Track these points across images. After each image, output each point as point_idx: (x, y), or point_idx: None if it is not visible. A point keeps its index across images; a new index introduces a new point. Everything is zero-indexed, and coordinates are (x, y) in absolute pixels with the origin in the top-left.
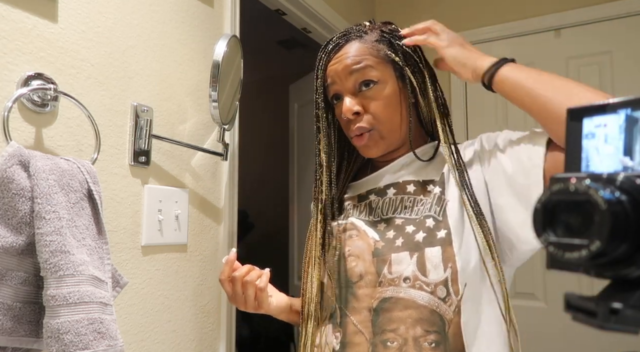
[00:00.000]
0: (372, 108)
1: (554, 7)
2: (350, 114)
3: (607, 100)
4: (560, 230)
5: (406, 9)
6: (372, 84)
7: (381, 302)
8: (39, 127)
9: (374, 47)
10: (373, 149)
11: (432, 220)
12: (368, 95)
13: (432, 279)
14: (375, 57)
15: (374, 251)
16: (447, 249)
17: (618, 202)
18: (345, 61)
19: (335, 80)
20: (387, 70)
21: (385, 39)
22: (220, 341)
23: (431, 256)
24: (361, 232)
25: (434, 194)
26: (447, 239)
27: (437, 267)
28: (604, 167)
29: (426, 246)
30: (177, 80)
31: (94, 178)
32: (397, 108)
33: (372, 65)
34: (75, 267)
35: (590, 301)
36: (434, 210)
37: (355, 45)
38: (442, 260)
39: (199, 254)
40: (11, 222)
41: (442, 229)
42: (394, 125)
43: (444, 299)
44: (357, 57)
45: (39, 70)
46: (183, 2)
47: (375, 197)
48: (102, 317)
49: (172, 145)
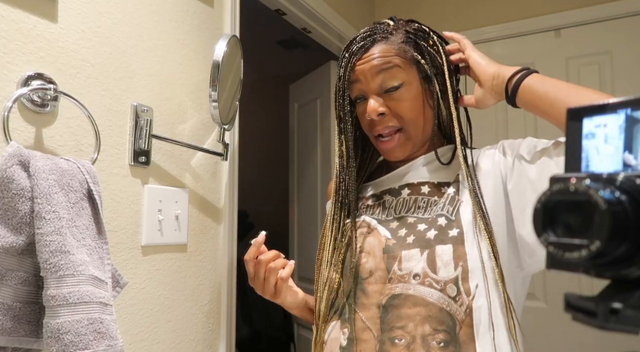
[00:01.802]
0: (398, 109)
1: (554, 7)
2: (375, 114)
3: (607, 100)
4: (560, 230)
5: (406, 8)
6: (399, 85)
7: (390, 298)
8: (39, 127)
9: (401, 49)
10: (398, 152)
11: (444, 219)
12: (394, 96)
13: (442, 276)
14: (402, 58)
15: (385, 248)
16: (459, 248)
17: (618, 202)
18: (373, 62)
19: (361, 80)
20: (412, 72)
21: (412, 40)
22: (220, 341)
23: (442, 253)
24: (373, 229)
25: (448, 194)
26: (459, 238)
27: (447, 264)
28: (604, 167)
29: (437, 244)
30: (177, 80)
31: (94, 178)
32: (421, 110)
33: (400, 66)
34: (75, 267)
35: (590, 301)
36: (447, 209)
37: (382, 46)
38: (453, 258)
39: (199, 254)
40: (11, 222)
41: (454, 228)
42: (419, 127)
43: (454, 298)
44: (385, 58)
45: (39, 70)
46: (183, 2)
47: (389, 197)
48: (102, 317)
49: (172, 145)
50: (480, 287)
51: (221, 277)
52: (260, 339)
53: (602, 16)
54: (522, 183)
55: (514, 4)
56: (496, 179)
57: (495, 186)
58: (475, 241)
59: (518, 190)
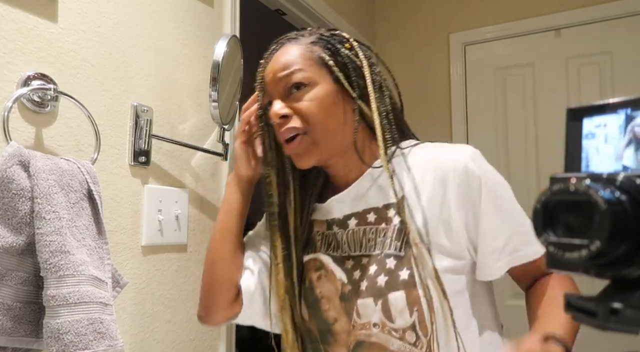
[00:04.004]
0: (301, 110)
1: (554, 7)
2: (278, 117)
3: (607, 100)
4: (560, 230)
5: (406, 8)
6: (302, 86)
7: (356, 345)
8: (39, 127)
9: (308, 49)
10: (305, 158)
11: (392, 259)
12: (297, 96)
13: (399, 325)
14: (307, 59)
15: (341, 296)
16: (411, 293)
17: (618, 202)
18: (274, 66)
19: (266, 88)
20: (320, 73)
21: (323, 41)
22: (220, 341)
23: (395, 301)
24: (329, 271)
25: (394, 224)
26: (410, 281)
27: (402, 312)
28: (604, 167)
29: (389, 291)
30: (177, 80)
31: (94, 178)
32: (332, 112)
33: (302, 68)
34: (75, 267)
35: (590, 301)
36: (394, 246)
37: (288, 48)
38: (407, 304)
39: (199, 254)
40: (11, 222)
41: (404, 269)
42: (329, 130)
43: (414, 344)
44: (287, 61)
45: (39, 70)
46: (183, 2)
47: (338, 230)
48: (102, 317)
49: (172, 145)
50: (439, 322)
51: None
52: (260, 339)
53: (602, 16)
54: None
55: (514, 4)
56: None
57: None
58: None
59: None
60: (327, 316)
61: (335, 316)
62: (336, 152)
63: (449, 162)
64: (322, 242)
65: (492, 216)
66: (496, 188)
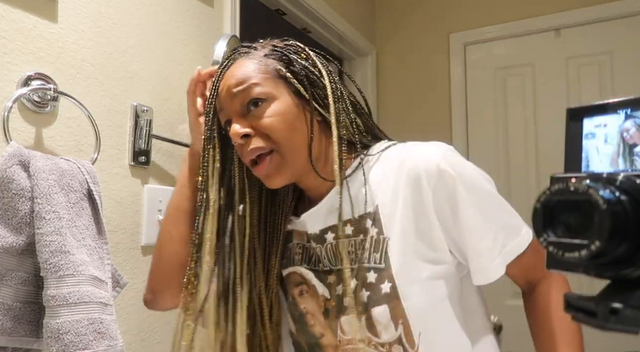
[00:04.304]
0: (263, 127)
1: (554, 7)
2: (238, 137)
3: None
4: (560, 230)
5: (406, 8)
6: (260, 102)
7: None
8: (39, 127)
9: (262, 62)
10: (277, 178)
11: (372, 272)
12: (257, 114)
13: (384, 339)
14: (263, 73)
15: (324, 312)
16: (395, 306)
17: (618, 202)
18: (228, 82)
19: (222, 106)
20: (278, 86)
21: (277, 53)
22: None
23: (379, 316)
24: (310, 287)
25: (371, 236)
26: (393, 293)
27: (387, 327)
28: (604, 167)
29: (372, 306)
30: (177, 80)
31: (94, 178)
32: (295, 126)
33: (258, 83)
34: (75, 267)
35: (590, 301)
36: (374, 258)
37: (241, 63)
38: (391, 318)
39: None
40: (11, 222)
41: (385, 281)
42: (296, 146)
43: None
44: (241, 77)
45: (39, 70)
46: (183, 2)
47: (316, 245)
48: (102, 317)
49: (172, 145)
50: (425, 334)
51: None
52: None
53: (602, 16)
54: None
55: (514, 4)
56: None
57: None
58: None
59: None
60: (314, 331)
61: (321, 331)
62: (306, 167)
63: (421, 164)
64: (302, 256)
65: (474, 217)
66: (474, 186)
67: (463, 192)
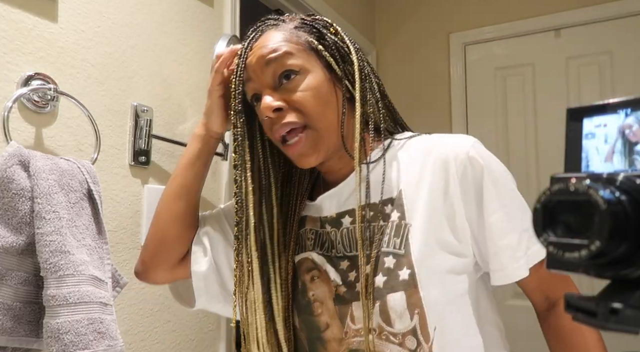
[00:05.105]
0: (296, 101)
1: (554, 7)
2: (270, 111)
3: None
4: (560, 230)
5: (406, 8)
6: (293, 74)
7: None
8: (39, 127)
9: (293, 34)
10: (311, 157)
11: (391, 258)
12: (290, 87)
13: (398, 329)
14: (295, 44)
15: (335, 298)
16: (412, 294)
17: (618, 202)
18: (260, 52)
19: (252, 77)
20: (310, 59)
21: (307, 26)
22: (220, 341)
23: (394, 303)
24: (322, 272)
25: (392, 221)
26: (411, 281)
27: (402, 315)
28: (604, 167)
29: (388, 293)
30: (177, 80)
31: (93, 178)
32: (329, 102)
33: (292, 52)
34: (75, 267)
35: (590, 301)
36: (393, 243)
37: (271, 33)
38: (407, 307)
39: None
40: (11, 222)
41: (404, 268)
42: (329, 121)
43: (414, 351)
44: (274, 46)
45: (39, 70)
46: (183, 2)
47: (331, 229)
48: (102, 317)
49: (172, 145)
50: (440, 328)
51: None
52: None
53: (602, 16)
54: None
55: (514, 4)
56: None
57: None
58: (431, 272)
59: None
60: (319, 321)
61: (327, 321)
62: (336, 146)
63: (450, 151)
64: (315, 241)
65: (497, 211)
66: (499, 179)
67: (489, 184)
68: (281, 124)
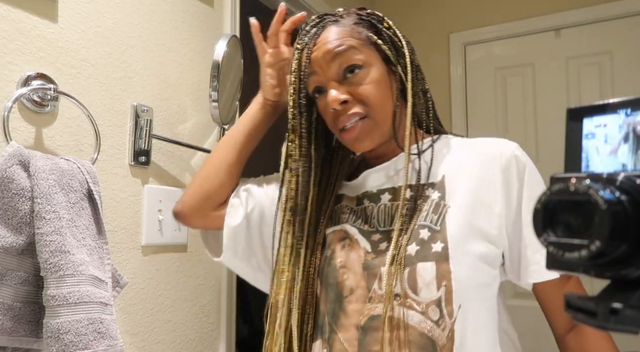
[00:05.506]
0: (361, 94)
1: (554, 7)
2: (338, 103)
3: (607, 101)
4: (560, 230)
5: (406, 8)
6: (357, 68)
7: (369, 319)
8: (39, 127)
9: (354, 30)
10: (366, 142)
11: (427, 231)
12: (355, 80)
13: (423, 297)
14: (357, 39)
15: (364, 264)
16: (442, 266)
17: (618, 202)
18: (326, 47)
19: (316, 70)
20: (370, 53)
21: (365, 21)
22: (220, 341)
23: (423, 272)
24: (353, 241)
25: (432, 200)
26: (443, 253)
27: (429, 285)
28: (604, 167)
29: (419, 261)
30: (177, 80)
31: (94, 178)
32: (387, 94)
33: (357, 48)
34: (75, 267)
35: (590, 301)
36: (430, 219)
37: (333, 29)
38: (435, 277)
39: (199, 254)
40: (11, 222)
41: (438, 242)
42: (387, 112)
43: (437, 322)
44: (339, 41)
45: (39, 70)
46: (183, 2)
47: (369, 203)
48: (102, 317)
49: (172, 145)
50: (465, 307)
51: (221, 277)
52: (260, 339)
53: (602, 16)
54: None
55: (514, 4)
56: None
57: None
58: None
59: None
60: (342, 286)
61: (352, 286)
62: (389, 135)
63: (496, 147)
64: (349, 216)
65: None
66: (539, 182)
67: (530, 182)
68: (347, 115)
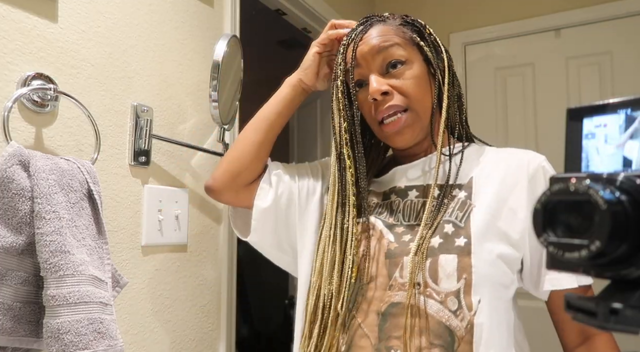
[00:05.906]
0: (402, 87)
1: (554, 7)
2: (379, 93)
3: (607, 100)
4: (560, 230)
5: (407, 8)
6: (399, 64)
7: (389, 306)
8: (39, 127)
9: (399, 29)
10: (406, 135)
11: (451, 226)
12: (397, 74)
13: (443, 287)
14: (402, 38)
15: (387, 252)
16: (464, 259)
17: (618, 202)
18: (372, 41)
19: (361, 63)
20: (413, 52)
21: (409, 24)
22: (220, 341)
23: (445, 263)
24: (377, 232)
25: (459, 198)
26: (466, 248)
27: (450, 276)
28: (604, 167)
29: (441, 253)
30: (177, 80)
31: (94, 178)
32: (426, 91)
33: (401, 45)
34: (75, 267)
35: (590, 301)
36: (456, 215)
37: (380, 27)
38: (456, 269)
39: (199, 254)
40: (11, 222)
41: (461, 237)
42: (426, 107)
43: (455, 312)
44: (383, 36)
45: (39, 70)
46: (183, 2)
47: (396, 198)
48: (102, 317)
49: (172, 145)
50: (483, 303)
51: (221, 277)
52: (260, 339)
53: (602, 16)
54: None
55: (514, 4)
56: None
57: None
58: (486, 250)
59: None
60: (364, 274)
61: (373, 274)
62: (425, 133)
63: (525, 157)
64: (374, 209)
65: None
66: None
67: None
68: (387, 106)
